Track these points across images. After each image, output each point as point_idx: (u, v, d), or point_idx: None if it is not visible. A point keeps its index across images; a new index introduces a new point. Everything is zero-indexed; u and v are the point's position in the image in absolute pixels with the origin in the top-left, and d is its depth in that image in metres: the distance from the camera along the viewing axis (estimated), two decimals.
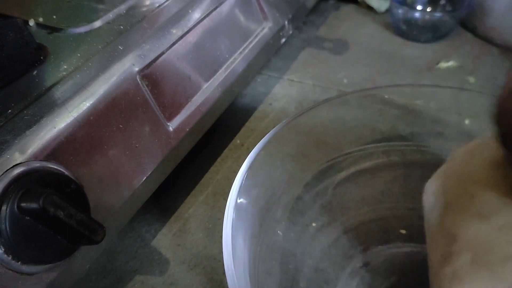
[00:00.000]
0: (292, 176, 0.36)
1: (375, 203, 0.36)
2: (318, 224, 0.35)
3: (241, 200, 0.29)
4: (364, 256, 0.33)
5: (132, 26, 0.34)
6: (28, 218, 0.21)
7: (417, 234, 0.30)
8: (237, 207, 0.28)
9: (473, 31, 0.58)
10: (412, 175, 0.36)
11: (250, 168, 0.30)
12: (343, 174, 0.37)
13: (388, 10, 0.63)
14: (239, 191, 0.28)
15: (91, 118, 0.27)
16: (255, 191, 0.32)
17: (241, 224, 0.29)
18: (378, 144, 0.37)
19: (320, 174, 0.36)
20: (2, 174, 0.22)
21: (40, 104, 0.26)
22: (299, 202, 0.35)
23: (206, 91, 0.37)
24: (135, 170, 0.30)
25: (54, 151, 0.25)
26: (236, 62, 0.41)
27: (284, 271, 0.31)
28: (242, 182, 0.29)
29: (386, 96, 0.37)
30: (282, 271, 0.31)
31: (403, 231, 0.35)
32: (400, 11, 0.57)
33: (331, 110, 0.37)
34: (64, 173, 0.25)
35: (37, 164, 0.23)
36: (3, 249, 0.21)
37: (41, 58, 0.30)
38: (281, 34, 0.48)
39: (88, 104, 0.27)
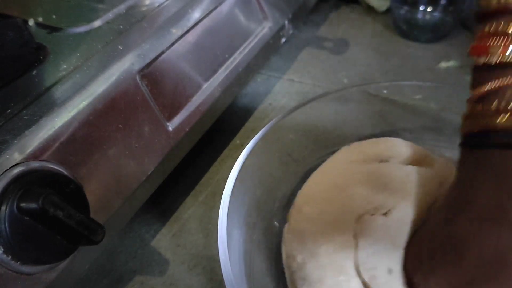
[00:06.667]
0: (288, 170, 0.36)
1: None
2: None
3: (237, 189, 0.29)
4: None
5: (132, 26, 0.34)
6: (28, 218, 0.21)
7: None
8: (232, 198, 0.28)
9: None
10: None
11: (246, 160, 0.31)
12: None
13: (388, 10, 0.63)
14: (234, 183, 0.29)
15: (91, 118, 0.27)
16: (251, 182, 0.32)
17: (237, 213, 0.29)
18: None
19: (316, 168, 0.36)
20: (2, 174, 0.22)
21: (40, 104, 0.26)
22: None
23: (206, 91, 0.37)
24: (135, 170, 0.30)
25: (54, 151, 0.25)
26: (236, 62, 0.41)
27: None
28: (237, 174, 0.29)
29: (385, 94, 0.37)
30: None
31: None
32: (401, 11, 0.57)
33: (329, 106, 0.37)
34: (63, 173, 0.24)
35: (36, 164, 0.23)
36: (2, 249, 0.21)
37: (41, 57, 0.30)
38: (281, 34, 0.48)
39: (87, 104, 0.27)
